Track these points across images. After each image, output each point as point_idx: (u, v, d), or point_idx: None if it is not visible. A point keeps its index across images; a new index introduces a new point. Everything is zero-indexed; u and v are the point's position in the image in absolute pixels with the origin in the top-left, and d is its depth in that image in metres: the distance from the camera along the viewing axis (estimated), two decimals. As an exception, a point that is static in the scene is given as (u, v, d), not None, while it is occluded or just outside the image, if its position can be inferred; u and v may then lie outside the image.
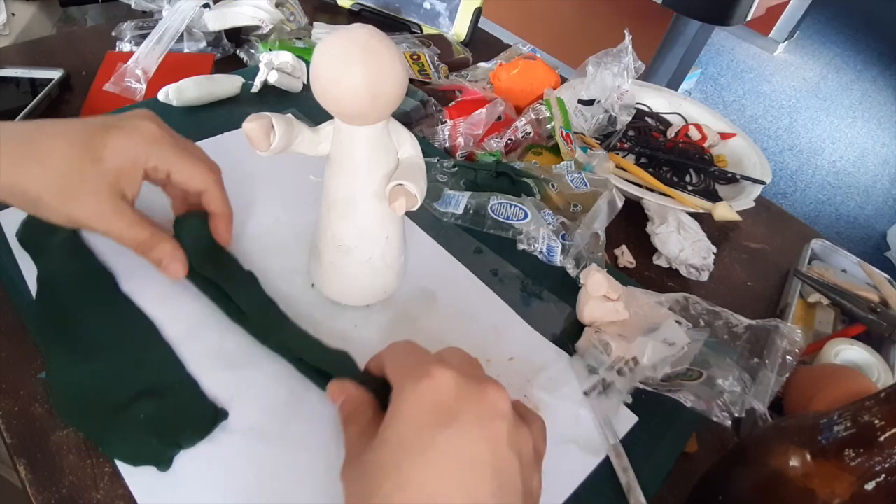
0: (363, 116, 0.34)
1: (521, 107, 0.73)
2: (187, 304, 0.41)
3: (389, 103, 0.34)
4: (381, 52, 0.32)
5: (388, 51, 0.32)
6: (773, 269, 0.64)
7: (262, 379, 0.38)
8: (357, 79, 0.31)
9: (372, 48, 0.31)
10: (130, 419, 0.34)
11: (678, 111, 0.80)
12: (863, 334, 0.55)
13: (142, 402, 0.35)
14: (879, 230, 2.20)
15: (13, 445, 0.35)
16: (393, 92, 0.33)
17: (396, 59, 0.33)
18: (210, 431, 0.35)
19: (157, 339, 0.39)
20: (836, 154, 2.53)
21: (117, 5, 0.74)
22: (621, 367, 0.43)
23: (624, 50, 0.73)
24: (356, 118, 0.34)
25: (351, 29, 0.32)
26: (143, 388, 0.36)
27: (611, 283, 0.47)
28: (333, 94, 0.32)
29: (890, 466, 0.27)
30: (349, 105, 0.33)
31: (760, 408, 0.41)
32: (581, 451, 0.39)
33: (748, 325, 0.47)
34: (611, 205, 0.55)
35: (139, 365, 0.37)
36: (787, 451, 0.31)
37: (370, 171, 0.37)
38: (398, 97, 0.34)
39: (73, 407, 0.35)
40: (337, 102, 0.33)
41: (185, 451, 0.34)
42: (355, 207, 0.38)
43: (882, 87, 3.04)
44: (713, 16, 1.42)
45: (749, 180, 0.70)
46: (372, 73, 0.31)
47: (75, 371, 0.36)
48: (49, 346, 0.37)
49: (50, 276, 0.41)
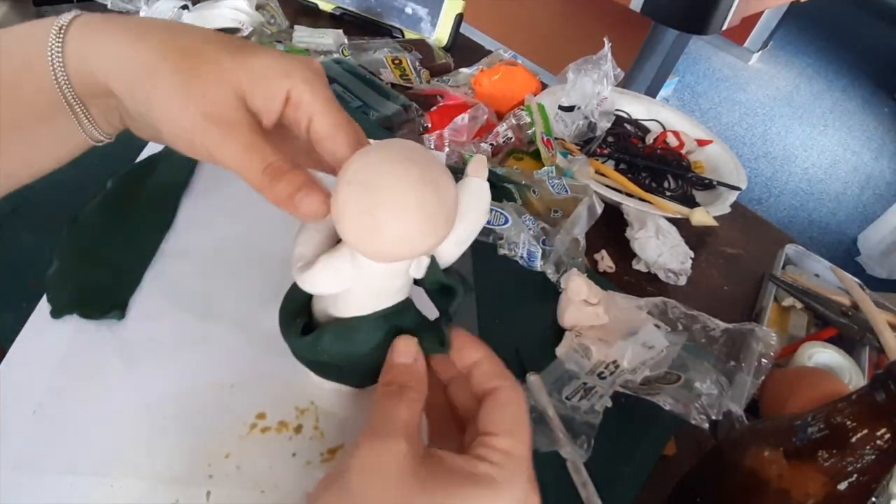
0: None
1: (502, 112, 0.73)
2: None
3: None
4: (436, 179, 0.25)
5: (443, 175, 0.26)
6: (749, 274, 0.66)
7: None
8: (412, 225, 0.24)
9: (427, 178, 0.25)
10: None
11: (656, 118, 0.81)
12: (835, 337, 0.56)
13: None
14: (850, 235, 2.26)
15: None
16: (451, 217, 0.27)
17: (448, 181, 0.26)
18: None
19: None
20: (808, 161, 2.60)
21: (93, 6, 0.73)
22: (602, 370, 0.43)
23: (603, 57, 0.74)
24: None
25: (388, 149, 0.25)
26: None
27: (591, 288, 0.48)
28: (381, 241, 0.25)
29: (862, 466, 0.28)
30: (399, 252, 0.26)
31: (737, 410, 0.42)
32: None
33: (725, 328, 0.48)
34: (590, 210, 0.56)
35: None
36: (763, 452, 0.32)
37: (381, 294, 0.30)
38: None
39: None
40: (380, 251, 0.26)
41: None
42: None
43: (851, 96, 3.13)
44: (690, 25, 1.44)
45: (725, 186, 0.71)
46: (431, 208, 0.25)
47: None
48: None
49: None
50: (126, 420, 0.35)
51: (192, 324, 0.40)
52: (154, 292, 0.41)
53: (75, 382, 0.36)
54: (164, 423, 0.35)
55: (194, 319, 0.40)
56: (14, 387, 0.35)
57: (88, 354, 0.37)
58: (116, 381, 0.36)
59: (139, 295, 0.41)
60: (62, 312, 0.39)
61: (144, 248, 0.44)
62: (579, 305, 0.47)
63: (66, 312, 0.39)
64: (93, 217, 0.45)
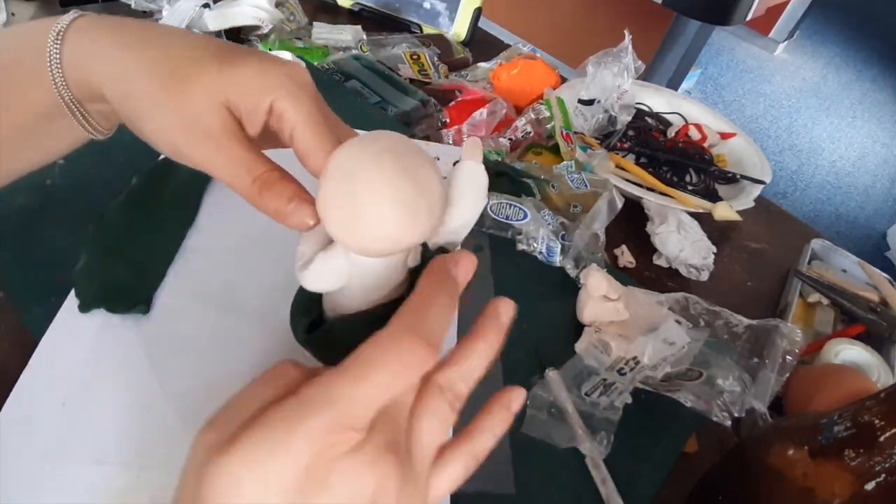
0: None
1: (520, 107, 0.73)
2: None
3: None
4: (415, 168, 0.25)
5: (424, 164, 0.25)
6: (773, 269, 0.64)
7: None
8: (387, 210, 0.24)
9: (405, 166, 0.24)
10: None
11: (678, 111, 0.80)
12: (863, 334, 0.55)
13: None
14: (879, 230, 2.20)
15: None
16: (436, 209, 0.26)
17: (431, 170, 0.25)
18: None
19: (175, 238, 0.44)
20: (835, 154, 2.53)
21: (117, 5, 0.74)
22: (622, 366, 0.43)
23: (624, 50, 0.73)
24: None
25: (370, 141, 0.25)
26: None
27: (611, 283, 0.47)
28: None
29: (890, 466, 0.28)
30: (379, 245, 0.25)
31: (760, 408, 0.42)
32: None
33: (748, 324, 0.47)
34: (611, 205, 0.55)
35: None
36: (788, 450, 0.32)
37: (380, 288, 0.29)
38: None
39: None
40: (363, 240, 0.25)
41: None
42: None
43: (882, 86, 3.04)
44: (713, 16, 1.42)
45: (749, 180, 0.70)
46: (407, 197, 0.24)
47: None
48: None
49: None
50: (151, 412, 0.36)
51: (215, 318, 0.41)
52: (177, 287, 0.42)
53: (102, 375, 0.37)
54: (189, 415, 0.35)
55: (217, 314, 0.41)
56: (44, 378, 0.36)
57: (115, 348, 0.38)
58: (142, 374, 0.37)
59: (163, 290, 0.42)
60: (89, 307, 0.40)
61: (168, 245, 0.45)
62: (599, 301, 0.47)
63: (93, 307, 0.40)
64: (118, 214, 0.46)
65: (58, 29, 0.27)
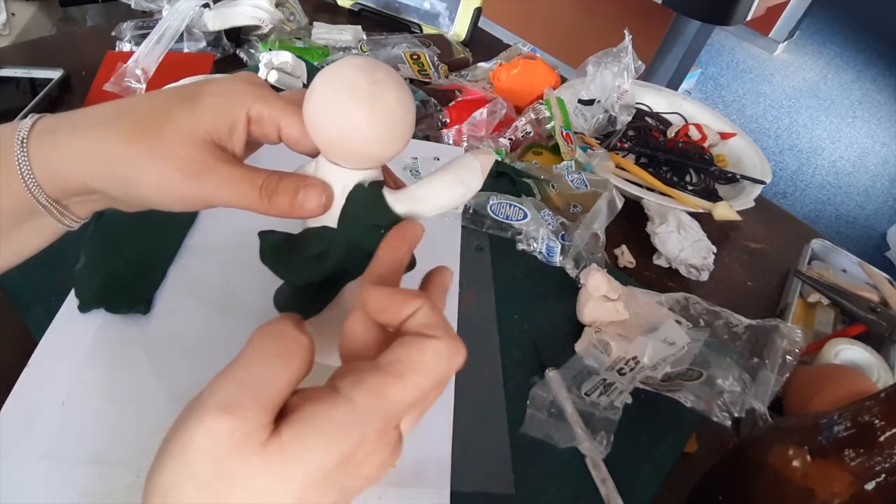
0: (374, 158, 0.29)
1: (520, 107, 0.73)
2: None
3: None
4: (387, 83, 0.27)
5: (396, 84, 0.28)
6: (773, 269, 0.64)
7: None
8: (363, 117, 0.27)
9: (378, 80, 0.27)
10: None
11: (678, 111, 0.80)
12: (863, 334, 0.55)
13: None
14: (879, 230, 2.20)
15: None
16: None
17: (405, 91, 0.28)
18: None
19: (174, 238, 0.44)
20: (836, 154, 2.53)
21: (117, 5, 0.75)
22: (622, 366, 0.43)
23: (624, 50, 0.73)
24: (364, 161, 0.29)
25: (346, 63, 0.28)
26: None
27: (611, 283, 0.47)
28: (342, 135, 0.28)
29: (890, 466, 0.27)
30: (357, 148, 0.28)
31: (760, 408, 0.42)
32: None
33: (748, 324, 0.47)
34: (610, 205, 0.55)
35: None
36: (788, 451, 0.31)
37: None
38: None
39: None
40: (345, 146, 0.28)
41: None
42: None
43: (882, 86, 3.04)
44: (713, 15, 1.42)
45: (749, 180, 0.70)
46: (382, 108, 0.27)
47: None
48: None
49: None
50: (151, 411, 0.35)
51: (215, 318, 0.41)
52: (177, 287, 0.42)
53: (102, 374, 0.37)
54: None
55: (217, 314, 0.41)
56: (44, 378, 0.36)
57: (115, 347, 0.38)
58: (142, 374, 0.37)
59: (163, 290, 0.42)
60: (89, 307, 0.39)
61: (168, 245, 0.45)
62: (599, 301, 0.47)
63: (93, 307, 0.40)
64: (117, 214, 0.46)
65: (20, 137, 0.27)
